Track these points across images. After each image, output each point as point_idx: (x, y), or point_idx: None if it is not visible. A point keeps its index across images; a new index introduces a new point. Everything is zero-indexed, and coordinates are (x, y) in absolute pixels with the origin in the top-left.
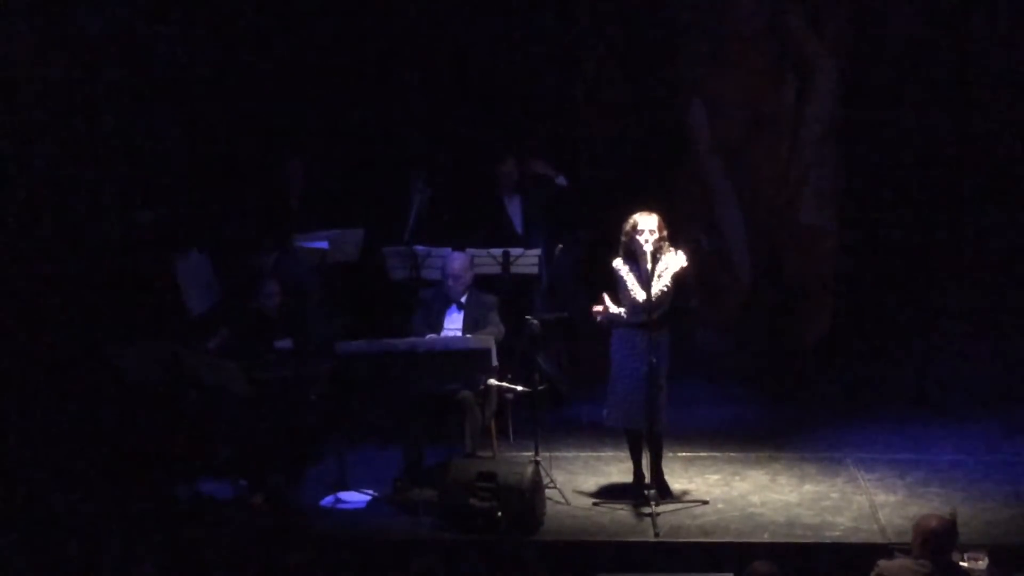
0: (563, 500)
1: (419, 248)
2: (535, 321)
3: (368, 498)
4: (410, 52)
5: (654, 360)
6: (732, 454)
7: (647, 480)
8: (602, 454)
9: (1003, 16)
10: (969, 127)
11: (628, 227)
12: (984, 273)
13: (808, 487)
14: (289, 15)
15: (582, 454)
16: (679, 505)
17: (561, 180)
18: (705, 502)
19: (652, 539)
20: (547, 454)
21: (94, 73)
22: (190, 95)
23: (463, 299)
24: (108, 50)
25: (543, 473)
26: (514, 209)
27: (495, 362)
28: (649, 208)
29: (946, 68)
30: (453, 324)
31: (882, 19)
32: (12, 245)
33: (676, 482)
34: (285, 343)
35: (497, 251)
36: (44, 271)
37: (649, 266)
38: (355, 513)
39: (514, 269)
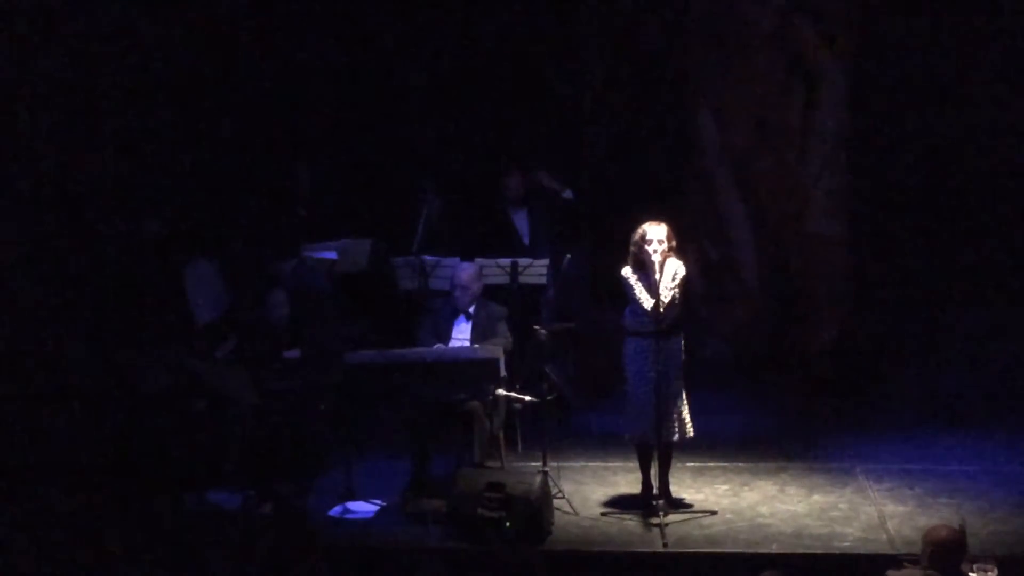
0: (571, 510)
1: (427, 258)
2: (543, 331)
3: (376, 508)
4: (417, 61)
5: (660, 368)
6: (740, 464)
7: (655, 490)
8: (610, 464)
9: (1010, 22)
10: (979, 135)
11: (637, 236)
12: (994, 282)
13: (817, 497)
14: (297, 23)
15: (590, 464)
16: (687, 515)
17: (568, 194)
18: (714, 512)
19: (660, 549)
20: (555, 464)
21: (101, 78)
22: (197, 102)
23: (471, 309)
24: (115, 53)
25: (551, 483)
26: (520, 221)
27: (503, 372)
28: (657, 218)
29: (956, 76)
30: (461, 334)
31: (890, 28)
32: (21, 253)
33: (684, 492)
34: (293, 353)
35: (505, 261)
36: (53, 279)
37: (657, 276)
38: (363, 523)
39: (522, 279)
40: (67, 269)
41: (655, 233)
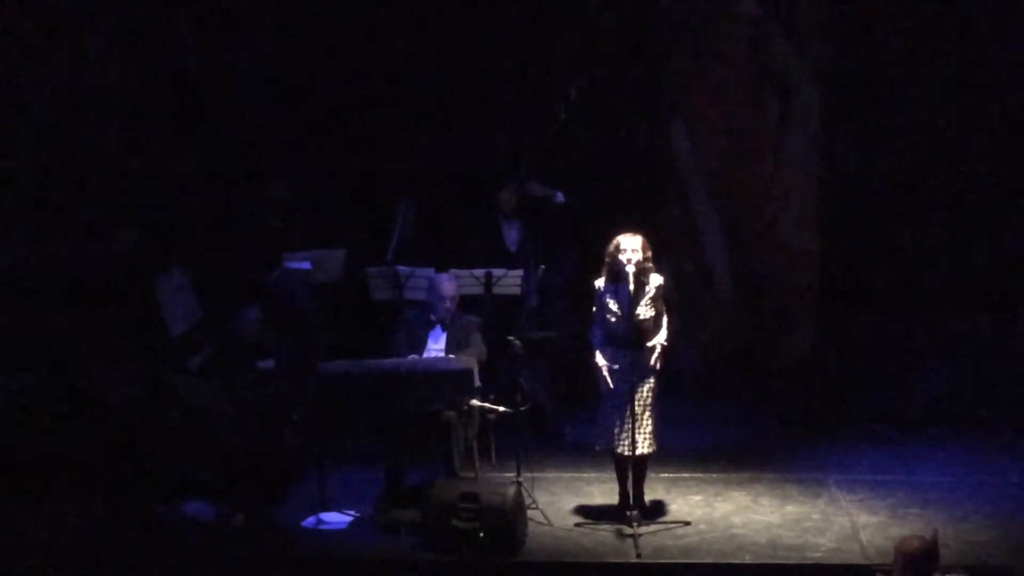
0: (545, 521)
1: (402, 268)
2: (517, 342)
3: (350, 519)
4: (397, 74)
5: (635, 379)
6: (714, 475)
7: (631, 501)
8: (584, 475)
9: (982, 35)
10: (951, 149)
11: (612, 248)
12: (966, 294)
13: (790, 508)
14: (276, 34)
15: (564, 475)
16: (661, 526)
17: (559, 197)
18: (687, 523)
19: (634, 560)
20: (529, 475)
21: (80, 90)
22: (174, 113)
23: (447, 320)
24: (92, 65)
25: (525, 494)
26: (511, 232)
27: (477, 382)
28: (632, 229)
29: (928, 89)
30: (436, 345)
31: (863, 41)
32: None
33: (658, 503)
34: (268, 363)
35: (480, 272)
36: (25, 290)
37: (631, 287)
38: (337, 534)
39: (496, 289)
40: (40, 280)
41: (629, 244)
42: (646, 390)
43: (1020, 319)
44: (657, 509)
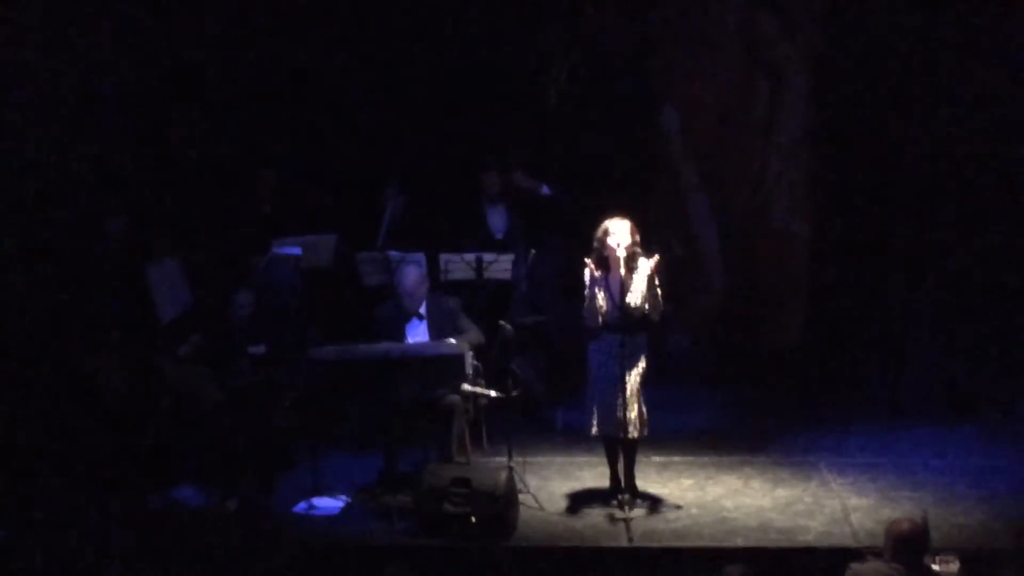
0: (536, 505)
1: (392, 253)
2: (508, 326)
3: (342, 504)
4: (386, 60)
5: (625, 363)
6: (705, 459)
7: (622, 485)
8: (575, 459)
9: (972, 21)
10: (941, 131)
11: (600, 233)
12: (957, 279)
13: (781, 491)
14: (266, 21)
15: (556, 459)
16: (652, 510)
17: (545, 190)
18: (679, 507)
19: (625, 544)
20: (521, 459)
21: (67, 76)
22: (163, 100)
23: (422, 309)
24: (80, 51)
25: (517, 478)
26: (497, 217)
27: (469, 368)
28: (621, 213)
29: (918, 71)
30: (418, 336)
31: (853, 22)
32: None
33: (650, 487)
34: (258, 348)
35: (471, 256)
36: (14, 277)
37: (622, 271)
38: (329, 519)
39: (487, 274)
40: (28, 266)
41: (618, 228)
42: (635, 375)
43: (1012, 304)
44: (648, 493)
